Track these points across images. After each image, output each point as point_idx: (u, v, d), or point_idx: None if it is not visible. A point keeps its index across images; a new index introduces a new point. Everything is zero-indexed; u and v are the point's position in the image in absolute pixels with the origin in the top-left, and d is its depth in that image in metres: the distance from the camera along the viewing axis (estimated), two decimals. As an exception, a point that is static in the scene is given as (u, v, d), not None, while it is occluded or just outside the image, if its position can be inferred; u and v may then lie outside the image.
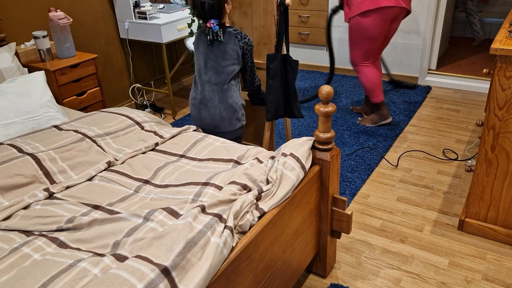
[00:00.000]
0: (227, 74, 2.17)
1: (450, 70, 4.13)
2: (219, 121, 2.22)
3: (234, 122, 2.24)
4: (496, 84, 1.86)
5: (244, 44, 2.17)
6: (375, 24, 2.85)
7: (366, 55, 3.03)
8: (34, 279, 1.19)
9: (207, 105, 2.22)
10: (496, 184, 2.05)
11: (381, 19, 2.84)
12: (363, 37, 2.94)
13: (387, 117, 3.25)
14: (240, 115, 2.26)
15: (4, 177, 1.67)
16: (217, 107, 2.20)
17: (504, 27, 2.07)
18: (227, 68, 2.17)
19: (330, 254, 1.96)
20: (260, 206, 1.49)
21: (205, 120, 2.25)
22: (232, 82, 2.20)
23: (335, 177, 1.81)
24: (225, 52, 2.15)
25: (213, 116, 2.22)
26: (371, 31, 2.88)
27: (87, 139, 1.98)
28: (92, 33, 3.41)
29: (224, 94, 2.19)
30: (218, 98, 2.19)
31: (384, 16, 2.83)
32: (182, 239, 1.21)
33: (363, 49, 3.00)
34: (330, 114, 1.67)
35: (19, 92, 2.30)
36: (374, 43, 2.96)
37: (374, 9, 2.81)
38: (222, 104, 2.19)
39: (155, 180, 1.74)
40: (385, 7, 2.80)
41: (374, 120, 3.30)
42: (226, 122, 2.22)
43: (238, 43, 2.15)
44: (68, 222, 1.46)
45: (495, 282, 1.92)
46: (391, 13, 2.84)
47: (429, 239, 2.19)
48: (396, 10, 2.83)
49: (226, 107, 2.20)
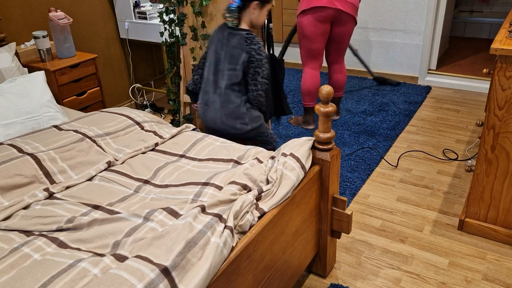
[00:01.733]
0: (229, 79, 2.09)
1: (450, 70, 4.13)
2: (220, 125, 2.16)
3: (239, 127, 2.14)
4: (496, 84, 1.86)
5: (252, 51, 2.03)
6: (309, 23, 2.96)
7: (307, 55, 3.12)
8: (34, 279, 1.19)
9: (210, 107, 2.17)
10: (496, 184, 2.05)
11: (315, 18, 2.94)
12: (302, 36, 3.06)
13: (310, 124, 3.36)
14: (246, 120, 2.14)
15: (4, 177, 1.67)
16: (218, 111, 2.14)
17: (504, 27, 2.07)
18: (229, 72, 2.08)
19: (330, 254, 1.96)
20: (260, 206, 1.49)
21: (209, 122, 2.21)
22: (234, 87, 2.09)
23: (335, 177, 1.81)
24: (231, 56, 2.07)
25: (214, 120, 2.16)
26: (306, 29, 3.00)
27: (87, 139, 1.98)
28: (92, 33, 3.41)
29: (226, 98, 2.10)
30: (219, 102, 2.12)
31: (316, 16, 2.93)
32: (182, 239, 1.21)
33: (303, 48, 3.11)
34: (330, 114, 1.67)
35: (19, 92, 2.30)
36: (312, 43, 3.04)
37: (309, 9, 2.94)
38: (223, 109, 2.12)
39: (155, 180, 1.74)
40: (317, 7, 2.90)
41: (298, 121, 3.42)
42: (227, 127, 2.15)
43: (245, 48, 2.03)
44: (68, 222, 1.46)
45: (495, 282, 1.92)
46: (323, 14, 2.92)
47: (429, 239, 2.19)
48: (330, 11, 2.91)
49: (227, 112, 2.12)
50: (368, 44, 4.25)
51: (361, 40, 4.27)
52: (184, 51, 2.61)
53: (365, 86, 4.13)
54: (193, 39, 2.55)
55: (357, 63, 4.38)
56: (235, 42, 2.05)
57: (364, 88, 4.08)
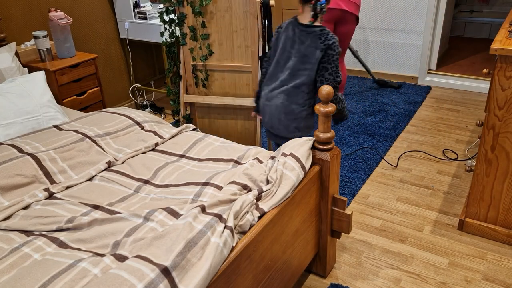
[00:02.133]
0: (299, 78, 2.00)
1: (450, 70, 4.13)
2: (276, 123, 2.09)
3: (291, 129, 2.07)
4: (496, 84, 1.86)
5: (327, 48, 1.94)
6: None
7: None
8: (34, 279, 1.19)
9: (270, 101, 2.08)
10: (496, 184, 2.05)
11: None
12: None
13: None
14: (301, 125, 2.07)
15: (4, 177, 1.67)
16: (278, 107, 2.05)
17: (504, 27, 2.07)
18: (301, 72, 2.00)
19: (330, 254, 1.96)
20: (260, 206, 1.49)
21: (265, 116, 2.14)
22: (303, 88, 2.01)
23: (335, 177, 1.81)
24: (304, 55, 1.98)
25: (271, 116, 2.09)
26: None
27: (87, 139, 1.98)
28: (92, 33, 3.41)
29: (291, 98, 2.02)
30: (282, 100, 2.04)
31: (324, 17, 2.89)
32: (182, 239, 1.21)
33: None
34: (330, 114, 1.67)
35: (19, 92, 2.30)
36: None
37: None
38: (284, 107, 2.04)
39: (155, 180, 1.74)
40: None
41: None
42: (282, 127, 2.08)
43: (319, 46, 1.94)
44: (68, 222, 1.46)
45: (495, 282, 1.92)
46: (329, 15, 2.90)
47: (429, 239, 2.19)
48: (336, 12, 2.90)
49: (287, 112, 2.04)
50: (368, 44, 4.25)
51: (361, 40, 4.27)
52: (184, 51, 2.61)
53: (365, 86, 4.13)
54: (192, 39, 2.56)
55: (357, 63, 4.39)
56: (309, 41, 1.97)
57: (364, 88, 4.08)
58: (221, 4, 2.44)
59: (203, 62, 2.62)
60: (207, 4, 2.45)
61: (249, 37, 2.48)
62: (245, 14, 2.43)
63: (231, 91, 2.66)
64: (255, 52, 2.49)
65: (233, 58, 2.57)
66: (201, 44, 2.58)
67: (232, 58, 2.57)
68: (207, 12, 2.49)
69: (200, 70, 2.65)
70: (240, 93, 2.64)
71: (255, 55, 2.50)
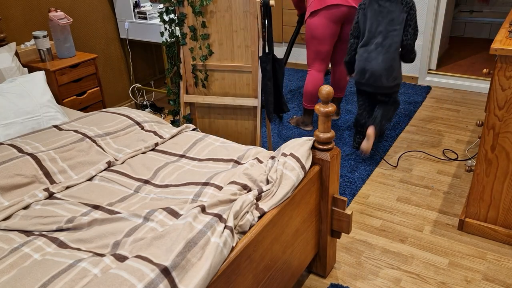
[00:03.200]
0: (392, 38, 2.58)
1: (450, 70, 4.13)
2: (378, 77, 2.62)
3: (390, 80, 2.63)
4: (496, 84, 1.86)
5: (409, 9, 2.52)
6: (320, 23, 2.92)
7: (315, 57, 3.09)
8: (34, 279, 1.19)
9: (371, 62, 2.62)
10: (496, 184, 2.05)
11: (327, 19, 2.90)
12: (311, 37, 3.02)
13: (308, 126, 3.33)
14: (397, 75, 2.65)
15: (4, 177, 1.67)
16: (380, 65, 2.59)
17: (504, 27, 2.07)
18: (393, 33, 2.57)
19: (330, 254, 1.96)
20: (260, 206, 1.49)
21: (364, 75, 2.65)
22: (395, 46, 2.59)
23: (335, 177, 1.81)
24: (392, 20, 2.56)
25: (374, 73, 2.62)
26: (316, 30, 2.96)
27: (87, 139, 1.98)
28: (92, 33, 3.41)
29: (387, 56, 2.59)
30: (381, 58, 2.59)
31: (330, 16, 2.89)
32: (182, 239, 1.21)
33: (312, 49, 3.08)
34: (330, 114, 1.67)
35: (19, 92, 2.30)
36: (321, 45, 3.01)
37: (321, 9, 2.89)
38: (384, 64, 2.59)
39: (155, 180, 1.74)
40: (331, 6, 2.86)
41: (298, 121, 3.40)
42: (384, 79, 2.62)
43: (403, 9, 2.51)
44: (68, 222, 1.46)
45: (495, 282, 1.92)
46: (338, 13, 2.88)
47: (429, 239, 2.19)
48: (344, 9, 2.87)
49: (387, 67, 2.59)
50: (368, 44, 4.25)
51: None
52: (184, 51, 2.61)
53: (365, 86, 4.13)
54: (193, 39, 2.56)
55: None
56: (393, 7, 2.55)
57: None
58: (221, 4, 2.44)
59: (203, 62, 2.62)
60: (207, 4, 2.46)
61: (249, 37, 2.48)
62: (245, 14, 2.43)
63: (231, 91, 2.66)
64: (255, 52, 2.50)
65: (233, 58, 2.57)
66: (201, 44, 2.58)
67: (232, 58, 2.57)
68: (207, 12, 2.49)
69: (200, 70, 2.65)
70: (240, 93, 2.64)
71: (255, 55, 2.50)
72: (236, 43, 2.52)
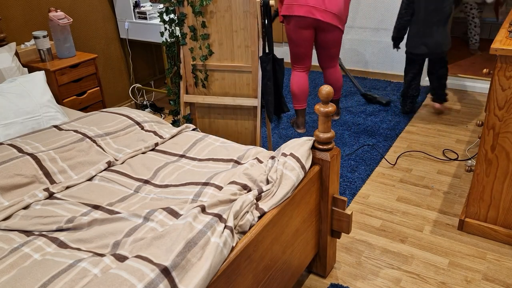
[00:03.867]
0: (444, 13, 3.02)
1: (450, 70, 4.13)
2: (439, 46, 3.10)
3: (445, 47, 3.13)
4: (496, 84, 1.86)
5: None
6: (292, 29, 3.00)
7: (294, 58, 3.15)
8: (34, 279, 1.19)
9: (428, 36, 3.09)
10: (496, 184, 2.05)
11: (296, 25, 2.96)
12: (288, 38, 3.10)
13: (300, 127, 3.33)
14: (449, 41, 3.16)
15: (4, 177, 1.67)
16: (438, 36, 3.07)
17: (504, 27, 2.07)
18: (444, 9, 3.00)
19: (330, 254, 1.96)
20: (260, 206, 1.49)
21: (419, 48, 3.15)
22: (446, 19, 3.04)
23: (335, 177, 1.81)
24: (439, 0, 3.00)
25: (434, 44, 3.10)
26: (290, 33, 3.04)
27: (87, 139, 1.98)
28: (92, 33, 3.41)
29: (441, 28, 3.06)
30: (438, 30, 3.06)
31: (297, 24, 2.94)
32: (182, 239, 1.21)
33: (290, 51, 3.14)
34: (330, 114, 1.67)
35: (19, 92, 2.30)
36: (296, 47, 3.06)
37: (290, 16, 2.94)
38: (440, 35, 3.08)
39: (155, 180, 1.74)
40: (297, 16, 2.91)
41: (292, 123, 3.41)
42: (443, 46, 3.11)
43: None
44: (68, 222, 1.46)
45: (495, 282, 1.92)
46: (303, 23, 2.92)
47: (429, 239, 2.19)
48: (311, 20, 2.89)
49: (443, 37, 3.09)
50: (366, 44, 4.25)
51: (360, 40, 4.27)
52: (184, 51, 2.61)
53: (364, 86, 4.13)
54: (193, 39, 2.56)
55: (356, 63, 4.38)
56: None
57: (364, 88, 4.08)
58: (221, 4, 2.44)
59: (203, 62, 2.62)
60: (207, 4, 2.46)
61: (249, 37, 2.48)
62: (245, 14, 2.43)
63: (231, 91, 2.66)
64: (255, 52, 2.50)
65: (233, 58, 2.57)
66: (201, 44, 2.58)
67: (232, 58, 2.58)
68: (207, 12, 2.50)
69: (200, 70, 2.65)
70: (240, 93, 2.65)
71: (255, 55, 2.50)
72: (236, 43, 2.52)
